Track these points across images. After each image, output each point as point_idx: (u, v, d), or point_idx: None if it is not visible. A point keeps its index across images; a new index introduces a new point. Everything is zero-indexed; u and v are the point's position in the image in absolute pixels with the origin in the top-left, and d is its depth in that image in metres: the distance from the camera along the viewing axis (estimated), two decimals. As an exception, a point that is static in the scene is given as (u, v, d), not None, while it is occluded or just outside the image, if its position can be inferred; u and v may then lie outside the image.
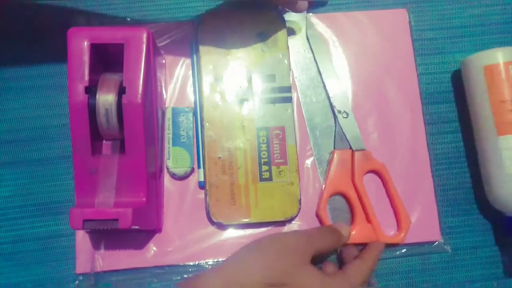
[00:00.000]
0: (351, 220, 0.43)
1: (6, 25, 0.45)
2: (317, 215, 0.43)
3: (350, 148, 0.43)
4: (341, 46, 0.46)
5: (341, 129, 0.44)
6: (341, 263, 0.41)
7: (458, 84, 0.46)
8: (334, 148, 0.44)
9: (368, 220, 0.42)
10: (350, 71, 0.46)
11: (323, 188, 0.43)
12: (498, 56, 0.42)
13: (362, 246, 0.41)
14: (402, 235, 0.42)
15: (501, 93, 0.42)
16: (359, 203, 0.42)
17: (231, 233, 0.42)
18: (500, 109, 0.42)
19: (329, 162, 0.43)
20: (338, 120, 0.44)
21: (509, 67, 0.41)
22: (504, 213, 0.42)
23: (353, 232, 0.42)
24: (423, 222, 0.43)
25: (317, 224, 0.43)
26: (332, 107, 0.45)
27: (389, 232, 0.43)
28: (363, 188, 0.42)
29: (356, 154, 0.43)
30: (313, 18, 0.47)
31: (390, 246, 0.43)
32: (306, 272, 0.35)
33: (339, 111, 0.43)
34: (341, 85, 0.45)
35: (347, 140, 0.43)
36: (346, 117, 0.43)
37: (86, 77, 0.35)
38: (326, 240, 0.38)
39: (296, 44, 0.46)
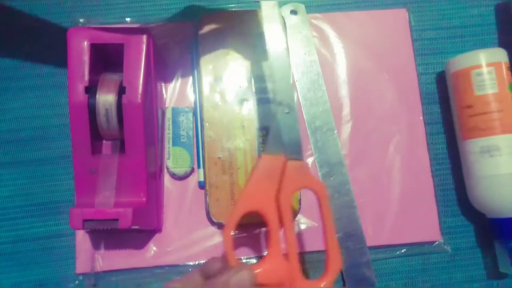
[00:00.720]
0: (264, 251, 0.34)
1: (6, 24, 0.45)
2: (224, 242, 0.32)
3: (284, 154, 0.34)
4: (341, 46, 0.46)
5: (279, 129, 0.34)
6: None
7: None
8: (263, 151, 0.34)
9: (285, 255, 0.32)
10: (350, 70, 0.46)
11: (236, 203, 0.34)
12: (462, 62, 0.42)
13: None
14: (326, 282, 0.32)
15: (462, 99, 0.42)
16: (277, 229, 0.32)
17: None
18: (462, 115, 0.42)
19: (253, 168, 0.34)
20: (277, 118, 0.35)
21: (470, 73, 0.41)
22: (485, 215, 0.42)
23: (257, 270, 0.30)
24: (423, 222, 0.43)
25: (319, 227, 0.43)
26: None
27: (314, 274, 0.37)
28: (289, 210, 0.32)
29: (291, 164, 0.33)
30: (313, 17, 0.47)
31: (390, 246, 0.43)
32: None
33: (280, 103, 0.34)
34: (338, 84, 0.45)
35: (282, 144, 0.34)
36: (287, 113, 0.34)
37: (86, 77, 0.35)
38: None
39: (297, 47, 0.46)
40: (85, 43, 0.35)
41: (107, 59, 0.37)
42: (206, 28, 0.44)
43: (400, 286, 0.43)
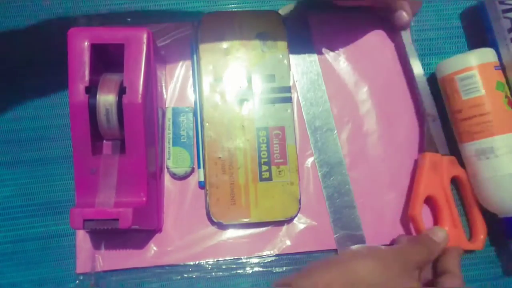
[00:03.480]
0: (437, 224, 0.42)
1: (7, 24, 0.45)
2: (412, 218, 0.42)
3: (437, 152, 0.43)
4: (340, 47, 0.46)
5: (430, 131, 0.43)
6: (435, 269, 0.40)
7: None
8: (424, 150, 0.43)
9: (454, 225, 0.42)
10: (348, 71, 0.46)
11: (415, 189, 0.42)
12: (446, 67, 0.42)
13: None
14: (480, 242, 0.42)
15: (452, 104, 0.42)
16: (447, 207, 0.42)
17: (231, 233, 0.42)
18: (455, 119, 0.43)
19: (419, 164, 0.43)
20: (428, 123, 0.43)
21: (454, 78, 0.42)
22: (497, 214, 0.42)
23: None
24: (422, 222, 0.43)
25: (324, 224, 0.43)
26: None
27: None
28: (450, 193, 0.42)
29: (444, 159, 0.43)
30: (313, 18, 0.47)
31: (390, 246, 0.43)
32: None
33: (428, 114, 0.43)
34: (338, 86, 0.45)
35: (435, 143, 0.43)
36: (434, 121, 0.43)
37: (87, 77, 0.35)
38: (419, 254, 0.37)
39: (297, 47, 0.46)
40: (86, 43, 0.35)
41: (107, 59, 0.37)
42: (206, 28, 0.44)
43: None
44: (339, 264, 0.34)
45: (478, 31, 0.47)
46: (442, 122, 0.44)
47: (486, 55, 0.42)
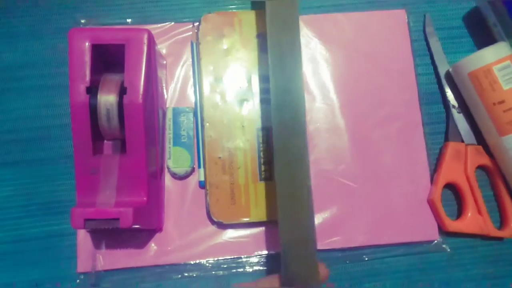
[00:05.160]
0: (460, 211, 0.44)
1: (8, 25, 0.45)
2: (431, 202, 0.43)
3: (462, 141, 0.45)
4: (340, 46, 0.47)
5: (455, 122, 0.45)
6: None
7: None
8: (447, 140, 0.45)
9: (479, 212, 0.43)
10: (349, 71, 0.46)
11: (436, 176, 0.44)
12: (477, 61, 0.42)
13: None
14: (511, 230, 0.43)
15: (491, 96, 0.42)
16: (471, 194, 0.43)
17: (231, 233, 0.42)
18: (494, 111, 0.42)
19: (442, 152, 0.45)
20: (452, 114, 0.45)
21: (492, 69, 0.42)
22: None
23: (463, 222, 0.43)
24: (421, 221, 0.44)
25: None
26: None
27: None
28: (474, 181, 0.44)
29: (469, 148, 0.44)
30: (313, 18, 0.47)
31: (388, 245, 0.43)
32: None
33: (453, 106, 0.45)
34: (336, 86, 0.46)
35: (460, 133, 0.45)
36: (459, 113, 0.45)
37: (87, 78, 0.35)
38: None
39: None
40: (86, 43, 0.35)
41: (108, 59, 0.37)
42: (206, 28, 0.44)
43: (399, 286, 0.43)
44: None
45: (480, 31, 0.48)
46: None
47: None
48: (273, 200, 0.42)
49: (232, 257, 0.42)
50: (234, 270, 0.42)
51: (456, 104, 0.45)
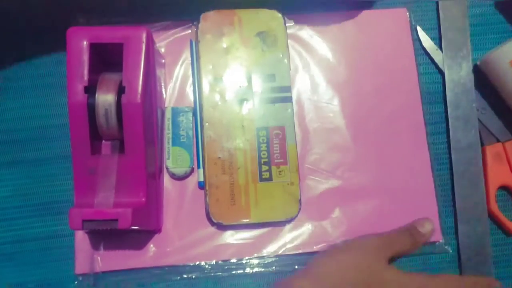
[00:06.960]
0: None
1: (6, 24, 0.45)
2: (491, 213, 0.43)
3: (498, 141, 0.44)
4: (341, 46, 0.46)
5: (483, 124, 0.44)
6: None
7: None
8: (483, 145, 0.44)
9: None
10: (350, 70, 0.46)
11: (485, 185, 0.43)
12: None
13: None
14: None
15: None
16: None
17: (231, 234, 0.42)
18: None
19: (483, 159, 0.44)
20: (478, 117, 0.44)
21: None
22: None
23: None
24: (423, 222, 0.43)
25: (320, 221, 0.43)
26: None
27: None
28: None
29: (507, 145, 0.44)
30: (313, 17, 0.46)
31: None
32: (390, 272, 0.36)
33: (477, 108, 0.44)
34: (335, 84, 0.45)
35: (492, 134, 0.44)
36: (483, 113, 0.44)
37: (86, 77, 0.34)
38: (405, 243, 0.38)
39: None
40: (85, 42, 0.35)
41: (106, 58, 0.37)
42: (206, 27, 0.44)
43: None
44: (333, 259, 0.36)
45: (482, 31, 0.47)
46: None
47: None
48: (273, 201, 0.41)
49: (232, 258, 0.42)
50: (234, 272, 0.41)
51: (480, 104, 0.44)
